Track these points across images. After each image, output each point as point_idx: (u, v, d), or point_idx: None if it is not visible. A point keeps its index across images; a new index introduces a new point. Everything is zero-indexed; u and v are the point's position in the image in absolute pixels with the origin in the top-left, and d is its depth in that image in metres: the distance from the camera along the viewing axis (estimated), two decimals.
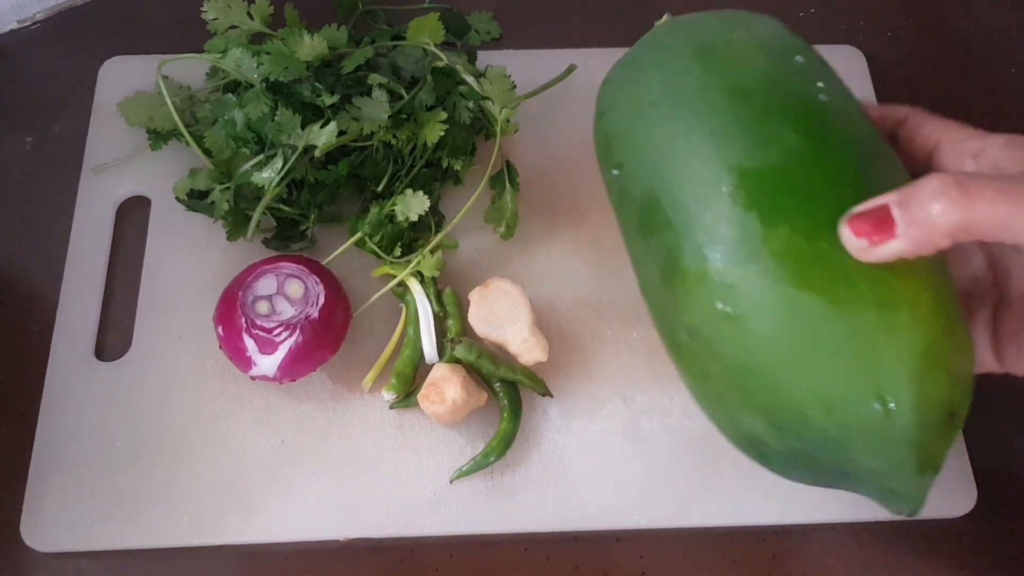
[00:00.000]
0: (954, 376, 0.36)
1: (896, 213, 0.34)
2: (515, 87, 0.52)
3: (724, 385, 0.38)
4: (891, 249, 0.34)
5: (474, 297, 0.49)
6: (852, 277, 0.35)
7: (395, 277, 0.51)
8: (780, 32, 0.43)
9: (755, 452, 0.40)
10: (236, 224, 0.51)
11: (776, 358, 0.36)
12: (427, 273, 0.50)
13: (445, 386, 0.46)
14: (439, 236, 0.52)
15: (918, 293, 0.35)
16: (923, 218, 0.33)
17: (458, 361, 0.48)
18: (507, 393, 0.49)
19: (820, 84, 0.40)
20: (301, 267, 0.48)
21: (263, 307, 0.47)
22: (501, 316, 0.48)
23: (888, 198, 0.34)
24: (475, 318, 0.49)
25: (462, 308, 0.50)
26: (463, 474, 0.47)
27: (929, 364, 0.35)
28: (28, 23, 0.63)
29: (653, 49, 0.44)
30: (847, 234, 0.35)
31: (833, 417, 0.36)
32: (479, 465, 0.47)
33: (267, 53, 0.50)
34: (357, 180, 0.53)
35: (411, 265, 0.50)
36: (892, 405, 0.35)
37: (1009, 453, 0.50)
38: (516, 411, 0.48)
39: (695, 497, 0.48)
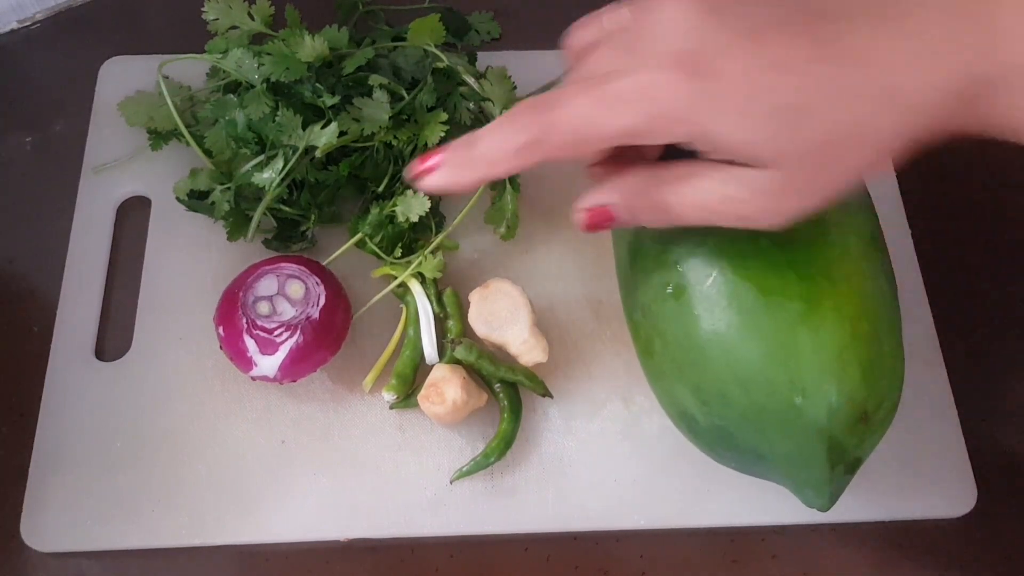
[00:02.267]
0: (870, 380, 0.38)
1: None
2: (515, 88, 0.52)
3: (664, 361, 0.42)
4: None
5: (474, 298, 0.49)
6: (785, 272, 0.38)
7: (396, 278, 0.51)
8: None
9: (686, 427, 0.43)
10: (236, 224, 0.51)
11: (706, 337, 0.39)
12: (428, 274, 0.50)
13: (445, 387, 0.46)
14: (440, 237, 0.52)
15: (845, 296, 0.38)
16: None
17: (458, 362, 0.48)
18: (507, 394, 0.49)
19: None
20: (302, 268, 0.48)
21: (264, 307, 0.47)
22: (501, 317, 0.49)
23: None
24: (475, 319, 0.49)
25: (462, 309, 0.50)
26: (463, 475, 0.47)
27: (844, 361, 0.38)
28: (28, 23, 0.63)
29: None
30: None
31: (750, 397, 0.38)
32: (479, 465, 0.47)
33: (268, 54, 0.50)
34: (358, 181, 0.53)
35: (412, 266, 0.51)
36: (804, 392, 0.38)
37: (1009, 453, 0.50)
38: (516, 412, 0.48)
39: (695, 497, 0.48)
